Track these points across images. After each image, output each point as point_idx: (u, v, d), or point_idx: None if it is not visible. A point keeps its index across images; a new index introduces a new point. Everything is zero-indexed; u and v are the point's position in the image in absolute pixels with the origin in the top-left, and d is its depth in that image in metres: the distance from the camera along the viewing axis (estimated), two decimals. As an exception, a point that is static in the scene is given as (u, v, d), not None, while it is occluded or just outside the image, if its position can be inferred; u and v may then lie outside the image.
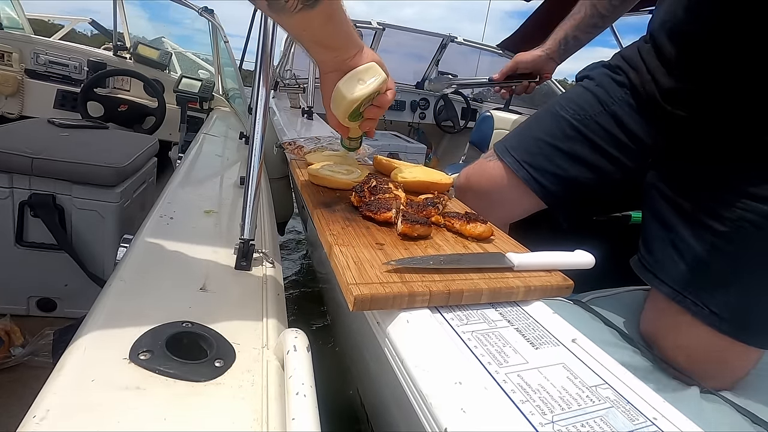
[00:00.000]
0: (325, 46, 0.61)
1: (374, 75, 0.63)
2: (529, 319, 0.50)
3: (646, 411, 0.38)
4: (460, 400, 0.36)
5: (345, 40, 0.61)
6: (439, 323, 0.46)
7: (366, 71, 0.63)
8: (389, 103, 0.68)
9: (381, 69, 0.64)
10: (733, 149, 0.71)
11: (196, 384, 0.38)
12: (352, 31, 0.61)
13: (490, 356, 0.42)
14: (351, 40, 0.61)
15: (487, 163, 0.99)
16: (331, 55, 0.62)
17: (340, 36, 0.60)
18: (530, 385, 0.39)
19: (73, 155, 1.34)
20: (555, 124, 0.91)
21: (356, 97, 0.63)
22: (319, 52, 0.62)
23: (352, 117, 0.67)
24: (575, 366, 0.43)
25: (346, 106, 0.64)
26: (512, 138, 0.98)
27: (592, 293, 0.86)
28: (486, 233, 0.64)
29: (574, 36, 1.06)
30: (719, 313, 0.69)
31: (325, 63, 0.63)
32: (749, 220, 0.68)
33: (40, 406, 0.33)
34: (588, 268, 0.59)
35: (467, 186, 1.01)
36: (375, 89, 0.63)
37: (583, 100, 0.90)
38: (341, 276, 0.48)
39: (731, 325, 0.69)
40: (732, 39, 0.68)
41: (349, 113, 0.66)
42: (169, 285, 0.53)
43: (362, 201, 0.67)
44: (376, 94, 0.65)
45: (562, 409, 0.37)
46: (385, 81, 0.65)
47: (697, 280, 0.71)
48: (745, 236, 0.68)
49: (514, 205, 0.97)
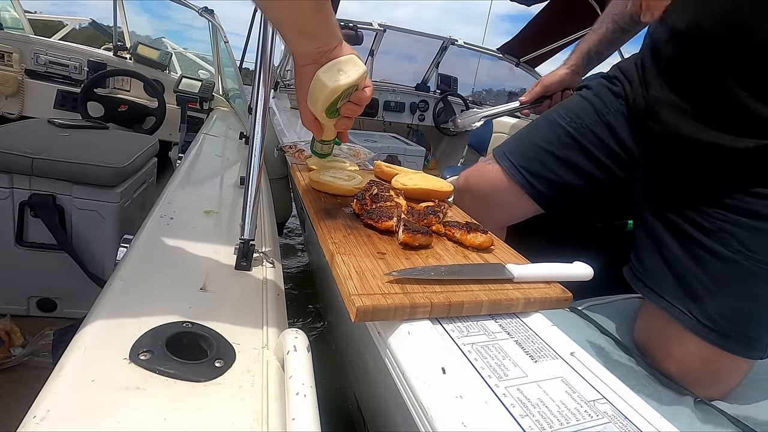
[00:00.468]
0: (309, 35, 0.59)
1: (355, 66, 0.61)
2: (528, 332, 0.50)
3: (643, 426, 0.39)
4: (461, 415, 0.37)
5: (330, 30, 0.59)
6: (440, 335, 0.47)
7: (346, 62, 0.61)
8: (367, 101, 0.66)
9: (360, 62, 0.62)
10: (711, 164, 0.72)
11: (196, 384, 0.38)
12: (335, 24, 0.60)
13: (490, 369, 0.42)
14: (334, 32, 0.60)
15: (486, 167, 1.01)
16: (314, 46, 0.60)
17: (326, 25, 0.58)
18: (530, 399, 0.39)
19: (73, 155, 1.34)
20: (552, 131, 0.93)
21: (338, 86, 0.60)
22: (302, 43, 0.60)
23: (330, 112, 0.65)
24: (574, 380, 0.43)
25: (326, 97, 0.61)
26: (510, 143, 1.00)
27: (589, 300, 0.87)
28: (486, 243, 0.64)
29: (597, 51, 1.07)
30: (706, 323, 0.70)
31: (306, 55, 0.61)
32: (730, 233, 0.69)
33: (41, 406, 0.33)
34: (587, 280, 0.60)
35: (466, 188, 1.03)
36: (355, 80, 0.61)
37: (580, 108, 0.91)
38: (343, 286, 0.48)
39: (719, 335, 0.69)
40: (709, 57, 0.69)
41: (327, 106, 0.63)
42: (169, 285, 0.53)
43: (363, 208, 0.67)
44: (354, 89, 0.63)
45: (561, 424, 0.37)
46: (365, 74, 0.63)
47: (684, 289, 0.72)
48: (727, 248, 0.69)
49: (511, 209, 0.98)
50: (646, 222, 0.80)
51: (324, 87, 0.60)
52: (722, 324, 0.69)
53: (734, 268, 0.69)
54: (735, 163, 0.69)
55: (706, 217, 0.71)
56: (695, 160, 0.74)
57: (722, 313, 0.69)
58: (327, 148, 0.74)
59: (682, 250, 0.73)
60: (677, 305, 0.72)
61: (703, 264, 0.71)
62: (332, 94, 0.61)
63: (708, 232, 0.71)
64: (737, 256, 0.68)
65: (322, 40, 0.59)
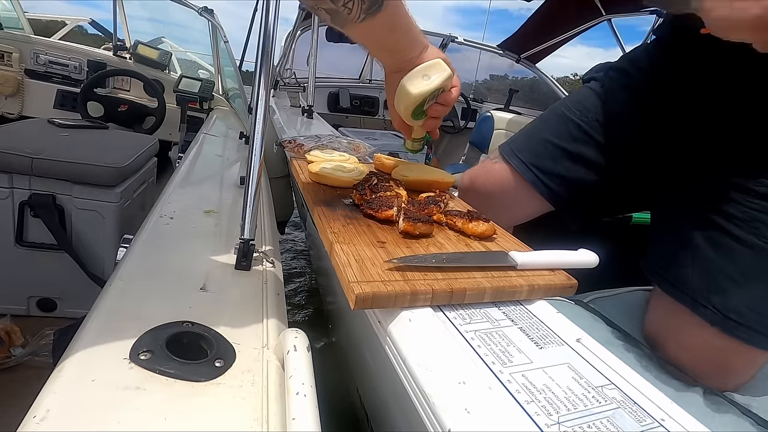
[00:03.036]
0: (389, 50, 0.62)
1: (439, 71, 0.63)
2: (532, 319, 0.49)
3: (654, 412, 0.38)
4: (464, 401, 0.36)
5: (411, 41, 0.61)
6: (442, 322, 0.46)
7: (430, 67, 0.63)
8: (454, 101, 0.67)
9: (446, 65, 0.64)
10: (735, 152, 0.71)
11: (196, 384, 0.38)
12: (416, 31, 0.61)
13: (493, 356, 0.42)
14: (416, 41, 0.62)
15: (492, 165, 0.98)
16: (397, 58, 0.62)
17: (403, 38, 0.60)
18: (535, 385, 0.39)
19: (73, 155, 1.34)
20: (562, 125, 0.90)
21: (420, 93, 0.62)
22: (384, 56, 0.63)
23: (416, 115, 0.67)
24: (580, 366, 0.42)
25: (410, 103, 0.64)
26: (518, 140, 0.97)
27: (594, 294, 0.86)
28: (488, 232, 0.64)
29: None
30: (731, 316, 0.68)
31: (391, 65, 0.64)
32: (764, 222, 0.67)
33: (41, 406, 0.33)
34: (592, 267, 0.58)
35: (471, 188, 1.00)
36: (439, 85, 0.63)
37: (589, 101, 0.89)
38: (342, 274, 0.48)
39: (745, 329, 0.67)
40: None
41: (413, 110, 0.65)
42: (169, 285, 0.53)
43: (363, 199, 0.66)
44: (440, 91, 0.65)
45: (568, 410, 0.36)
46: (450, 77, 0.64)
47: (707, 282, 0.70)
48: (760, 237, 0.67)
49: (520, 208, 0.96)
50: (664, 214, 0.78)
51: (408, 94, 0.63)
52: (749, 317, 0.67)
53: (766, 259, 0.67)
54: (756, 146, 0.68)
55: (737, 206, 0.69)
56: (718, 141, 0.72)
57: (749, 306, 0.67)
58: (417, 145, 0.79)
59: (705, 241, 0.71)
60: (699, 299, 0.70)
61: (729, 255, 0.69)
62: (415, 101, 0.64)
63: (737, 221, 0.68)
64: None
65: (403, 52, 0.62)
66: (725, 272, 0.69)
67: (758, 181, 0.68)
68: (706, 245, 0.71)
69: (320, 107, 2.82)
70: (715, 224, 0.71)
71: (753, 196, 0.68)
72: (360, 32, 0.56)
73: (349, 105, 3.12)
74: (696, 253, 0.72)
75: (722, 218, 0.70)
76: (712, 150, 0.74)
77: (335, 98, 3.10)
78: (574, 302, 0.76)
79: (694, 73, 0.74)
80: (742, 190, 0.69)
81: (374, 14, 0.51)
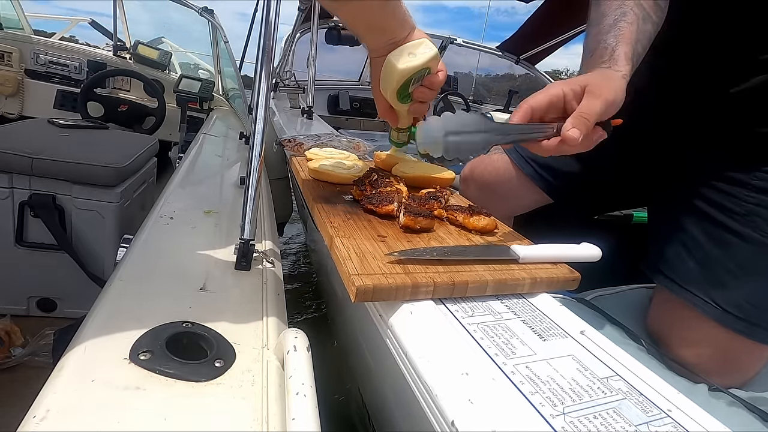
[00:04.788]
0: (380, 29, 0.59)
1: (426, 48, 0.61)
2: (535, 311, 0.49)
3: (660, 403, 0.38)
4: (467, 392, 0.36)
5: (400, 21, 0.59)
6: (444, 315, 0.46)
7: (417, 45, 0.61)
8: (440, 84, 0.65)
9: (432, 44, 0.62)
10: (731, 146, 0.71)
11: (196, 384, 0.38)
12: (405, 11, 0.60)
13: (497, 348, 0.41)
14: (405, 21, 0.60)
15: (492, 156, 1.00)
16: (386, 38, 0.60)
17: (395, 17, 0.58)
18: (539, 376, 0.38)
19: (73, 155, 1.34)
20: None
21: (407, 68, 0.60)
22: (373, 37, 0.61)
23: (402, 97, 0.65)
24: (585, 358, 0.42)
25: (397, 79, 0.62)
26: None
27: (596, 291, 0.86)
28: (489, 226, 0.64)
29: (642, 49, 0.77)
30: (732, 311, 0.68)
31: (378, 48, 0.62)
32: (761, 215, 0.67)
33: (40, 406, 0.33)
34: (594, 260, 0.58)
35: (471, 178, 1.02)
36: (426, 62, 0.61)
37: None
38: (342, 267, 0.47)
39: (746, 324, 0.68)
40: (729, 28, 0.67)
41: (399, 89, 0.63)
42: (169, 285, 0.53)
43: (363, 194, 0.66)
44: (426, 72, 0.63)
45: (573, 401, 0.36)
46: (436, 57, 0.62)
47: (707, 277, 0.70)
48: (757, 231, 0.67)
49: (517, 199, 0.97)
50: (663, 210, 0.78)
51: (393, 69, 0.61)
52: (750, 311, 0.67)
53: (764, 252, 0.67)
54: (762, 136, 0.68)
55: (734, 200, 0.69)
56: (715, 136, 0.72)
57: (749, 300, 0.67)
58: (403, 136, 0.76)
59: (705, 236, 0.71)
60: (699, 294, 0.70)
61: (728, 249, 0.69)
62: (402, 76, 0.61)
63: (735, 215, 0.69)
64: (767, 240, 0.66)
65: (392, 32, 0.60)
66: (724, 266, 0.69)
67: (754, 174, 0.68)
68: (704, 240, 0.71)
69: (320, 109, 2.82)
70: (713, 219, 0.71)
71: (750, 190, 0.68)
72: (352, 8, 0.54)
73: (348, 107, 3.12)
74: (695, 248, 0.72)
75: (720, 213, 0.70)
76: (709, 144, 0.74)
77: (335, 100, 3.10)
78: (576, 300, 0.76)
79: (690, 69, 0.74)
80: (739, 184, 0.69)
81: None
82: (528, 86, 3.65)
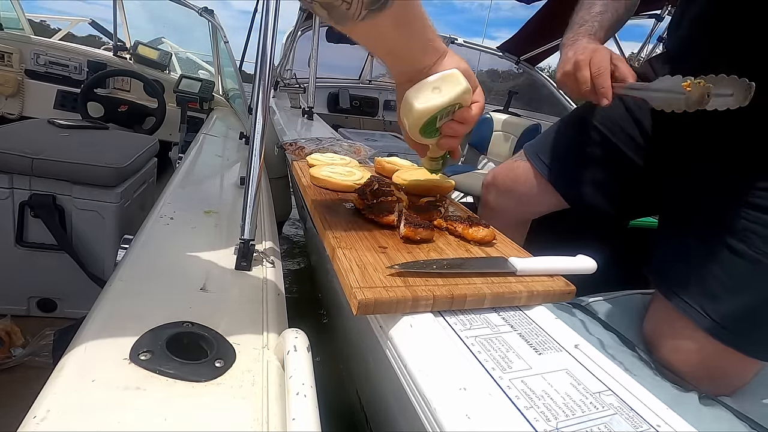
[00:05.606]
0: (397, 56, 0.53)
1: (453, 84, 0.53)
2: (531, 324, 0.50)
3: (650, 418, 0.38)
4: (465, 406, 0.36)
5: (420, 48, 0.52)
6: (443, 328, 0.46)
7: (443, 79, 0.53)
8: (474, 119, 0.57)
9: (463, 78, 0.54)
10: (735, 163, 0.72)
11: (196, 384, 0.38)
12: (432, 36, 0.52)
13: (493, 362, 0.42)
14: (429, 47, 0.52)
15: (516, 164, 1.04)
16: (406, 66, 0.53)
17: (414, 43, 0.51)
18: (534, 391, 0.39)
19: (73, 156, 1.34)
20: (583, 129, 0.94)
21: (426, 109, 0.53)
22: (393, 63, 0.54)
23: (427, 133, 0.57)
24: (578, 372, 0.43)
25: (415, 120, 0.55)
26: (542, 142, 1.02)
27: (592, 296, 0.87)
28: (488, 237, 0.64)
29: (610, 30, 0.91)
30: (720, 322, 0.69)
31: (401, 74, 0.55)
32: (755, 232, 0.68)
33: (41, 406, 0.33)
34: (590, 273, 0.59)
35: (492, 184, 1.06)
36: (451, 101, 0.53)
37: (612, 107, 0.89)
38: (345, 279, 0.48)
39: (732, 335, 0.69)
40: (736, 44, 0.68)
41: (421, 127, 0.56)
42: (169, 285, 0.53)
43: (365, 203, 0.67)
44: (456, 106, 0.55)
45: (566, 416, 0.37)
46: (467, 91, 0.55)
47: (701, 287, 0.72)
48: (751, 248, 0.68)
49: (537, 204, 1.01)
50: (669, 219, 0.80)
51: (411, 110, 0.54)
52: (738, 325, 0.69)
53: (757, 269, 0.68)
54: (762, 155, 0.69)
55: (732, 216, 0.70)
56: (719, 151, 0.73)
57: (739, 314, 0.69)
58: (436, 164, 0.68)
59: (702, 247, 0.73)
60: (692, 303, 0.72)
61: (724, 263, 0.70)
62: (421, 118, 0.55)
63: (732, 230, 0.70)
64: (761, 257, 0.67)
65: (414, 60, 0.53)
66: (719, 279, 0.70)
67: (752, 192, 0.69)
68: (703, 252, 0.73)
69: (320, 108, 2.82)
70: (714, 233, 0.72)
71: (748, 207, 0.70)
72: (362, 32, 0.48)
73: (348, 105, 3.13)
74: (694, 259, 0.74)
75: (721, 228, 0.72)
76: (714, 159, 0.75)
77: (335, 99, 3.11)
78: (572, 305, 0.77)
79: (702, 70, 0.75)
80: (738, 200, 0.71)
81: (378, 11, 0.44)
82: (528, 87, 3.65)
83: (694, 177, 0.78)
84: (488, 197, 1.06)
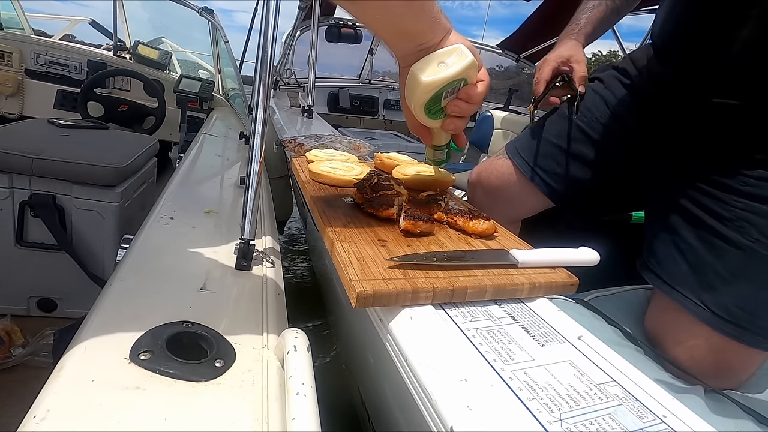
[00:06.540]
0: (406, 34, 0.51)
1: (459, 57, 0.52)
2: (534, 317, 0.49)
3: (656, 409, 0.38)
4: (466, 398, 0.36)
5: (430, 23, 0.51)
6: (443, 320, 0.46)
7: (449, 53, 0.52)
8: (480, 97, 0.56)
9: (468, 52, 0.53)
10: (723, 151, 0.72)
11: (196, 384, 0.38)
12: (438, 11, 0.51)
13: (495, 353, 0.42)
14: (437, 23, 0.51)
15: (497, 161, 1.02)
16: (414, 44, 0.52)
17: (424, 18, 0.50)
18: (537, 382, 0.39)
19: (73, 155, 1.34)
20: (563, 126, 0.94)
21: (433, 81, 0.51)
22: (400, 43, 0.52)
23: (432, 112, 0.56)
24: (582, 363, 0.42)
25: (421, 94, 0.53)
26: (523, 139, 1.01)
27: (595, 292, 0.86)
28: (489, 230, 0.64)
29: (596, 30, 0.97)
30: (720, 314, 0.69)
31: (406, 56, 0.53)
32: (749, 221, 0.68)
33: (41, 406, 0.33)
34: (593, 265, 0.58)
35: (478, 182, 1.04)
36: (458, 74, 0.52)
37: (591, 102, 0.91)
38: (343, 272, 0.48)
39: (734, 327, 0.68)
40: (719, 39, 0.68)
41: (426, 104, 0.54)
42: (169, 285, 0.53)
43: (364, 197, 0.66)
44: (461, 83, 0.54)
45: (570, 407, 0.36)
46: (473, 66, 0.53)
47: (698, 280, 0.71)
48: (745, 236, 0.68)
49: (521, 203, 0.99)
50: (658, 212, 0.79)
51: (418, 83, 0.52)
52: (738, 315, 0.68)
53: (752, 258, 0.67)
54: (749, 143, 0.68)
55: (723, 206, 0.70)
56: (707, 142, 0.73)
57: (738, 304, 0.68)
58: (440, 154, 0.66)
59: (697, 239, 0.72)
60: (690, 296, 0.71)
61: (719, 253, 0.70)
62: (428, 90, 0.53)
63: (725, 220, 0.69)
64: (755, 245, 0.67)
65: (421, 36, 0.51)
66: (715, 270, 0.70)
67: (742, 180, 0.69)
68: (696, 243, 0.72)
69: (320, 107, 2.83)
70: (705, 224, 0.72)
71: (738, 195, 0.69)
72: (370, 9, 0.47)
73: (348, 105, 3.13)
74: (687, 251, 0.73)
75: (712, 218, 0.71)
76: (703, 150, 0.75)
77: (335, 98, 3.11)
78: (575, 301, 0.76)
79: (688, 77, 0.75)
80: (729, 190, 0.70)
81: None
82: (528, 84, 3.65)
83: (680, 169, 0.78)
84: (475, 196, 1.05)
